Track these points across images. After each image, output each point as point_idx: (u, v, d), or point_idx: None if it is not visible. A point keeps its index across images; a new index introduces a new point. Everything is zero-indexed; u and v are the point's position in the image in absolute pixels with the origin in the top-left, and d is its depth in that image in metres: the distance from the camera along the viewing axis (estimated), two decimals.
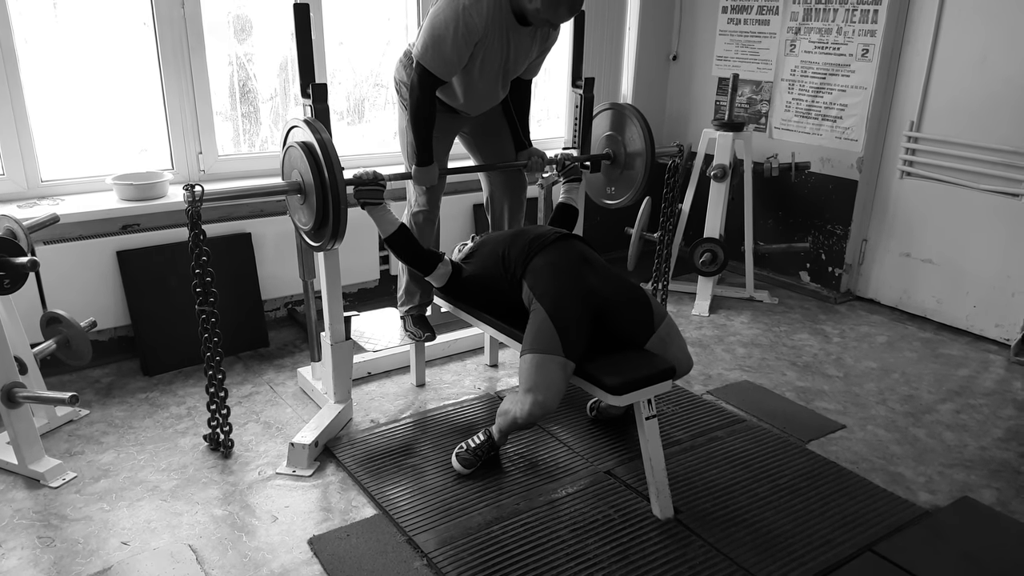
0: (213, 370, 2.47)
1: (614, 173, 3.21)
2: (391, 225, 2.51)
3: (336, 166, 2.26)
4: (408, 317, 3.01)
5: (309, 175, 2.29)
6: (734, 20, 4.24)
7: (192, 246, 2.30)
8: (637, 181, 3.17)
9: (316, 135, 2.27)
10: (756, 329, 3.69)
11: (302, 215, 2.43)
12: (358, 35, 3.70)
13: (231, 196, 2.41)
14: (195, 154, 3.33)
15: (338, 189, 2.26)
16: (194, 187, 2.22)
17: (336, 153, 2.28)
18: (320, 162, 2.26)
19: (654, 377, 2.18)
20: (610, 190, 3.28)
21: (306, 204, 2.37)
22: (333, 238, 2.36)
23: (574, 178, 2.94)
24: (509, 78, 2.75)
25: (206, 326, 2.40)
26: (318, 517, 2.25)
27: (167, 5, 3.09)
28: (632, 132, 3.14)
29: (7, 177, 3.00)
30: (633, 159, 3.18)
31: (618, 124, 3.19)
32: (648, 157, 3.12)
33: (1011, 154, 3.36)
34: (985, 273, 3.55)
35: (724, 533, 2.19)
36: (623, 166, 3.17)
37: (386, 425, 2.75)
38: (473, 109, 2.80)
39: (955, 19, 3.47)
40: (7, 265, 2.21)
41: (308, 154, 2.29)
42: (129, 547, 2.11)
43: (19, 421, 2.35)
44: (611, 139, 3.21)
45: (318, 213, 2.32)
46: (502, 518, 2.23)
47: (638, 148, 3.15)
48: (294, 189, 2.40)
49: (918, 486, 2.46)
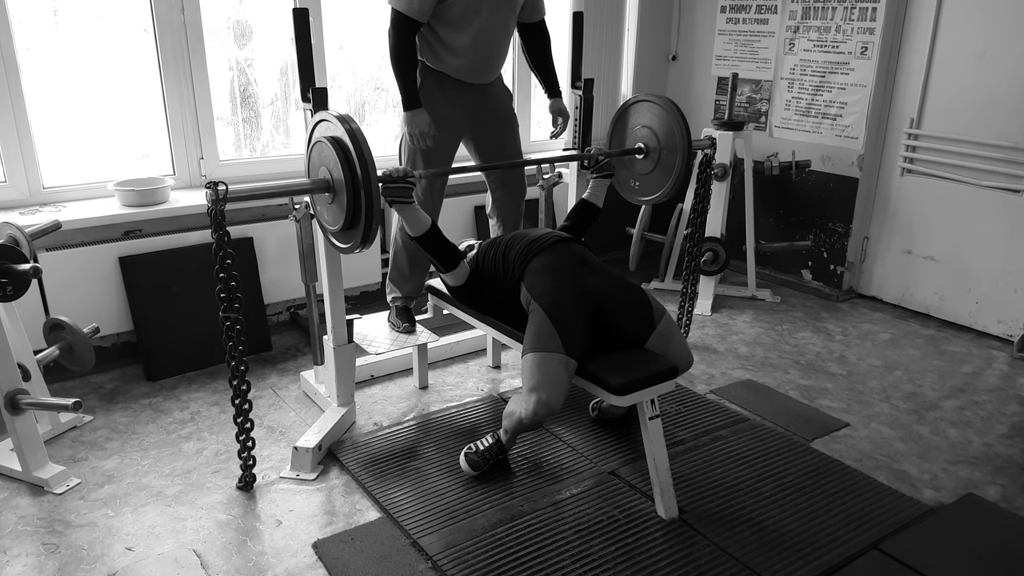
0: (238, 379, 2.26)
1: (645, 167, 3.02)
2: (422, 224, 2.40)
3: (369, 161, 2.12)
4: (393, 307, 3.03)
5: (339, 171, 2.16)
6: (733, 19, 4.24)
7: (216, 248, 2.12)
8: (672, 175, 2.94)
9: (347, 126, 2.14)
10: (759, 328, 3.69)
11: (330, 214, 2.31)
12: (358, 39, 3.71)
13: (256, 195, 2.28)
14: (196, 159, 3.34)
15: (371, 185, 2.11)
16: (218, 185, 2.05)
17: (369, 147, 2.14)
18: (352, 157, 2.13)
19: (657, 377, 2.18)
20: (635, 184, 3.11)
21: (335, 203, 2.24)
22: (364, 240, 2.22)
23: (606, 174, 2.76)
24: (507, 13, 2.76)
25: (231, 333, 2.21)
26: (322, 521, 2.25)
27: (167, 11, 3.10)
28: (666, 124, 2.93)
29: (9, 184, 3.01)
30: (667, 153, 2.95)
31: (652, 117, 2.97)
32: (684, 150, 2.87)
33: (1011, 150, 3.35)
34: (987, 269, 3.55)
35: (729, 533, 2.19)
36: (656, 161, 2.96)
37: (389, 428, 2.75)
38: (483, 65, 2.79)
39: (953, 15, 3.47)
40: (10, 272, 2.21)
41: (338, 149, 2.15)
42: (133, 553, 2.11)
43: (23, 428, 2.35)
44: (643, 131, 2.99)
45: (348, 212, 2.19)
46: (506, 520, 2.23)
47: (673, 142, 2.91)
48: (322, 187, 2.26)
49: (923, 483, 2.46)
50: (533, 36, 2.96)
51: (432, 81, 2.82)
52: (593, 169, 2.76)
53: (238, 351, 2.23)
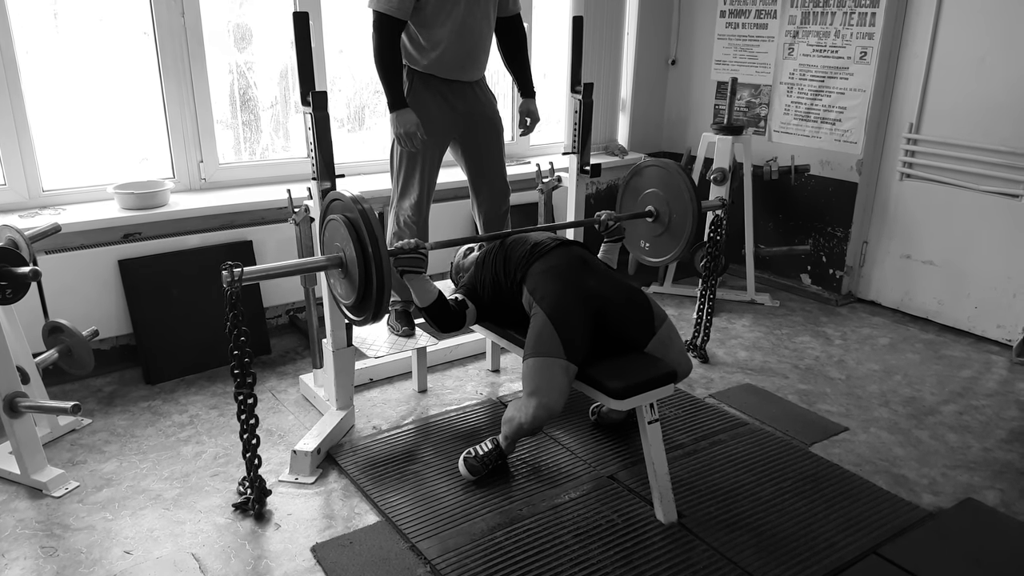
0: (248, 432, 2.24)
1: (655, 230, 3.00)
2: (430, 295, 2.38)
3: (380, 243, 2.13)
4: (392, 311, 3.03)
5: (351, 249, 2.18)
6: (732, 24, 4.25)
7: (231, 327, 2.14)
8: (683, 237, 2.91)
9: (359, 206, 2.15)
10: (757, 332, 3.69)
11: (342, 289, 2.34)
12: (358, 43, 3.71)
13: (271, 275, 2.31)
14: (196, 162, 3.34)
15: (382, 266, 2.13)
16: (233, 267, 2.07)
17: (380, 228, 2.16)
18: (364, 238, 2.14)
19: (656, 381, 2.18)
20: (645, 245, 3.07)
21: (347, 279, 2.27)
22: (376, 316, 2.23)
23: (616, 238, 2.73)
24: (486, 3, 2.76)
25: (243, 407, 2.21)
26: (321, 524, 2.25)
27: (167, 14, 3.10)
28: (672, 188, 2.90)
29: (8, 187, 3.01)
30: (677, 217, 2.92)
31: (661, 181, 2.94)
32: (694, 213, 2.84)
33: (1010, 155, 3.36)
34: (986, 274, 3.55)
35: (728, 537, 2.18)
36: (666, 225, 2.94)
37: (388, 431, 2.74)
38: (467, 57, 2.81)
39: (953, 20, 3.47)
40: (9, 275, 2.21)
41: (351, 228, 2.17)
42: (132, 556, 2.10)
43: (21, 431, 2.35)
44: (653, 196, 2.96)
45: (360, 288, 2.21)
46: (505, 524, 2.23)
47: (681, 204, 2.88)
48: (335, 264, 2.28)
49: (922, 488, 2.46)
50: (508, 31, 2.95)
51: (419, 83, 2.82)
52: (604, 233, 2.73)
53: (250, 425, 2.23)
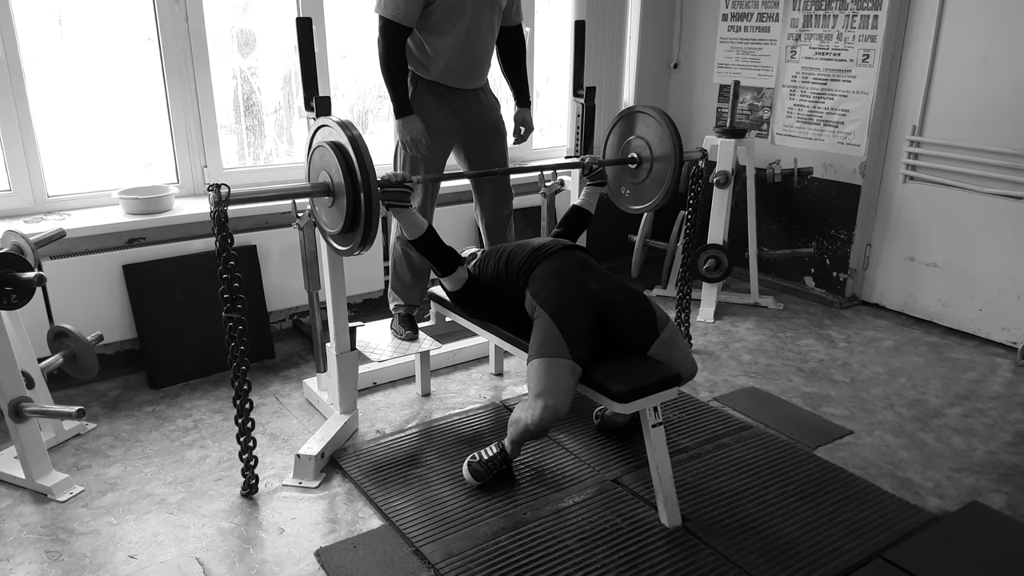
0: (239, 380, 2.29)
1: (638, 177, 3.07)
2: (419, 228, 2.44)
3: (369, 165, 2.15)
4: (395, 315, 3.05)
5: (339, 175, 2.20)
6: (734, 27, 4.26)
7: (219, 249, 2.15)
8: (663, 186, 2.97)
9: (347, 132, 2.18)
10: (761, 335, 3.69)
11: (329, 217, 2.35)
12: (361, 48, 3.72)
13: (257, 197, 2.30)
14: (200, 167, 3.35)
15: (370, 188, 2.15)
16: (220, 187, 2.08)
17: (369, 152, 2.17)
18: (352, 162, 2.16)
19: (660, 384, 2.18)
20: (625, 192, 3.15)
21: (335, 206, 2.28)
22: (363, 243, 2.25)
23: (599, 182, 2.87)
24: (491, 13, 2.78)
25: (233, 334, 2.24)
26: (325, 529, 2.25)
27: (171, 20, 3.12)
28: (660, 136, 2.95)
29: (14, 193, 3.03)
30: (658, 163, 2.99)
31: (647, 128, 3.00)
32: (676, 160, 2.91)
33: (1014, 157, 3.35)
34: (990, 276, 3.54)
35: (732, 541, 2.18)
36: (648, 171, 3.01)
37: (392, 435, 2.75)
38: (471, 66, 2.82)
39: (955, 23, 3.47)
40: (14, 280, 2.22)
41: (339, 154, 2.19)
42: (136, 560, 2.11)
43: (26, 435, 2.36)
44: (638, 142, 3.03)
45: (348, 215, 2.22)
46: (509, 528, 2.23)
47: (665, 151, 2.94)
48: (322, 191, 2.30)
49: (927, 491, 2.45)
50: (509, 41, 2.98)
51: (424, 90, 2.84)
52: (587, 176, 2.82)
53: (240, 351, 2.27)
